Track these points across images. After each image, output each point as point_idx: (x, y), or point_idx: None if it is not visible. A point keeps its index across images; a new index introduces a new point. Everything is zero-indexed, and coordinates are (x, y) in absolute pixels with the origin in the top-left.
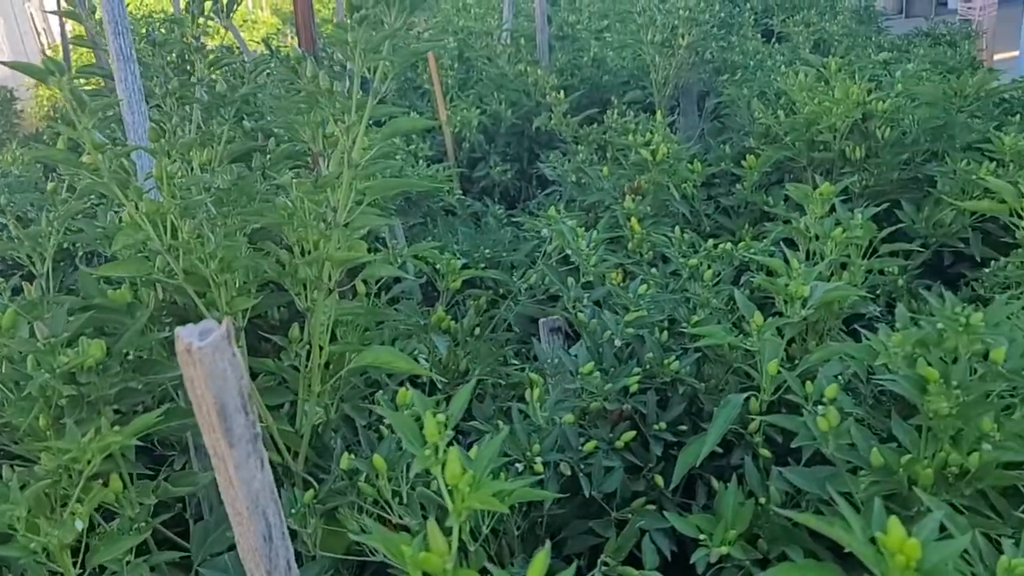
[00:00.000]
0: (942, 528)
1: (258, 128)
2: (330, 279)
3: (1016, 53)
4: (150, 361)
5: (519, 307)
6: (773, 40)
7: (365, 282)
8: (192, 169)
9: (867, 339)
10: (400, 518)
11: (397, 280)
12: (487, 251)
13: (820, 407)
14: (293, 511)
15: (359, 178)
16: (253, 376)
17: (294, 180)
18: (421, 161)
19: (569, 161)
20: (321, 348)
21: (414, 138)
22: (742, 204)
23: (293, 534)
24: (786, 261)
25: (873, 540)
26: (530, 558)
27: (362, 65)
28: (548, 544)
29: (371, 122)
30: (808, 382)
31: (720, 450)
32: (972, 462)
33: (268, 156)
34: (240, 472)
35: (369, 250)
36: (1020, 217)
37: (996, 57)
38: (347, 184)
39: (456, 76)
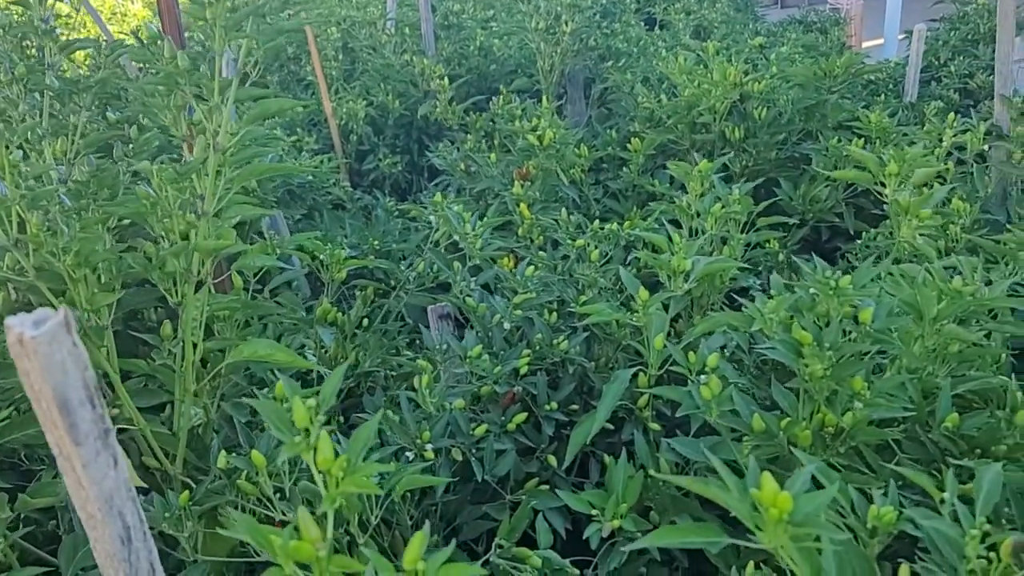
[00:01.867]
0: (818, 484)
1: (124, 119)
2: (199, 271)
3: (881, 41)
4: (1, 365)
5: (409, 298)
6: (656, 27)
7: (243, 275)
8: (44, 160)
9: (745, 308)
10: (284, 514)
11: (281, 272)
12: (376, 242)
13: (703, 376)
14: (167, 515)
15: (228, 165)
16: (126, 378)
17: (156, 167)
18: (305, 153)
19: (458, 150)
20: (195, 344)
21: (298, 130)
22: (629, 187)
23: (174, 540)
24: (669, 238)
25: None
26: (427, 548)
27: (223, 44)
28: (427, 525)
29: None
30: (692, 353)
31: (611, 427)
32: (846, 421)
33: (131, 146)
34: (89, 471)
35: (246, 242)
36: (884, 186)
37: (864, 45)
38: (214, 170)
39: (340, 67)
